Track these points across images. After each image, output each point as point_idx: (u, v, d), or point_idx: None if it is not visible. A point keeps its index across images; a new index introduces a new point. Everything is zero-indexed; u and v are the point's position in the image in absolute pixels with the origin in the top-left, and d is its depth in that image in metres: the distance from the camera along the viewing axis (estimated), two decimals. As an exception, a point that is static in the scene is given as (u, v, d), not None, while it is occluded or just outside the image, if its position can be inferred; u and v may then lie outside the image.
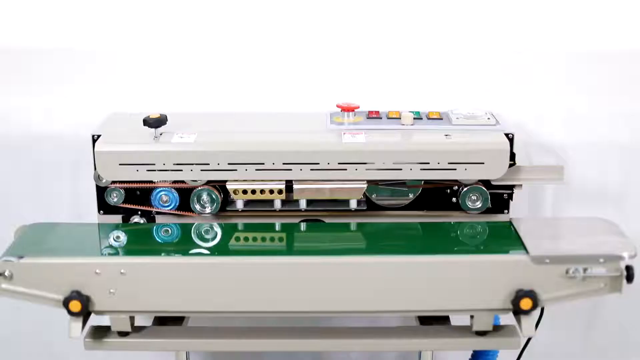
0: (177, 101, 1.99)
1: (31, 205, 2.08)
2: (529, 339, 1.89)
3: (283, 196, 1.73)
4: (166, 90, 2.01)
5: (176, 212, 1.78)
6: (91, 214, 1.82)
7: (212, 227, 1.73)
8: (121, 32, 2.00)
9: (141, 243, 1.71)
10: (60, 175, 2.07)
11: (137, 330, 1.66)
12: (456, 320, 1.70)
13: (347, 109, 1.79)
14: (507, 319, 1.63)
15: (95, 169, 1.73)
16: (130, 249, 1.68)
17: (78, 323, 1.57)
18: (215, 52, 2.00)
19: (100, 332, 1.65)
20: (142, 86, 2.01)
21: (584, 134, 2.04)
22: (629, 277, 1.54)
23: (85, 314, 1.57)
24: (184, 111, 1.87)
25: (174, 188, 1.76)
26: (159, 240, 1.71)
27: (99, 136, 1.73)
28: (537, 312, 1.61)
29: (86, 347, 1.65)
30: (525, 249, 1.59)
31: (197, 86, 2.01)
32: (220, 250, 1.65)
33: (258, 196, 1.73)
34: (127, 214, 1.79)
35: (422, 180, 1.76)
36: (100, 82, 2.02)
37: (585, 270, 1.54)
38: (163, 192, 1.76)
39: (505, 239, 1.67)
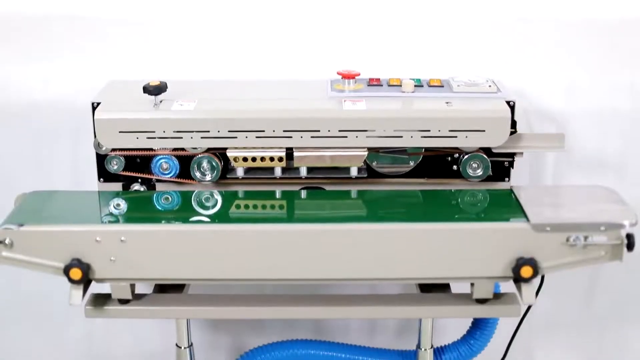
0: (177, 68, 1.98)
1: (31, 173, 2.08)
2: (529, 307, 1.90)
3: (283, 164, 1.72)
4: (166, 57, 2.00)
5: (176, 180, 1.78)
6: (91, 181, 1.81)
7: (212, 195, 1.73)
8: (120, -1, 2.00)
9: (141, 211, 1.71)
10: (60, 143, 2.06)
11: (137, 297, 1.66)
12: (456, 287, 1.71)
13: (348, 77, 1.79)
14: (508, 286, 1.63)
15: (95, 136, 1.73)
16: (130, 217, 1.68)
17: (79, 291, 1.57)
18: (215, 19, 1.99)
19: (100, 300, 1.66)
20: (142, 53, 2.00)
21: (585, 102, 2.03)
22: (630, 245, 1.54)
23: (85, 281, 1.57)
24: (184, 79, 1.86)
25: (174, 155, 1.76)
26: (159, 208, 1.71)
27: (98, 104, 1.73)
28: (537, 280, 1.61)
29: (87, 315, 1.66)
30: (526, 216, 1.58)
31: (197, 53, 2.00)
32: (220, 217, 1.65)
33: (258, 164, 1.72)
34: (127, 182, 1.79)
35: (422, 147, 1.76)
36: (100, 50, 2.00)
37: (586, 238, 1.54)
38: (163, 160, 1.76)
39: (506, 206, 1.67)
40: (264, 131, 1.69)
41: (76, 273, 1.55)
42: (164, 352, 2.00)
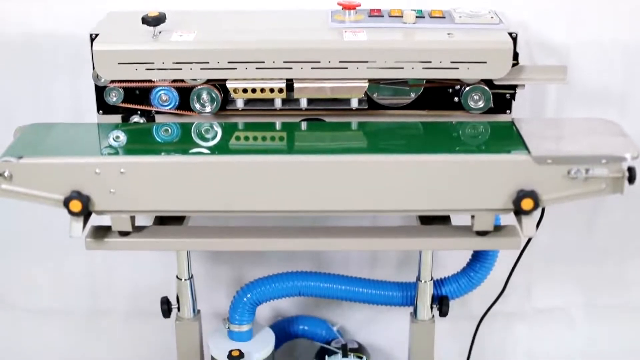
0: (176, -1, 1.97)
1: (30, 105, 2.07)
2: (529, 240, 1.90)
3: (283, 95, 1.71)
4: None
5: (176, 112, 1.77)
6: (91, 114, 1.81)
7: (212, 127, 1.72)
8: None
9: (141, 142, 1.70)
10: (60, 75, 2.05)
11: (137, 230, 1.67)
12: (457, 220, 1.71)
13: (349, 7, 1.77)
14: (508, 219, 1.63)
15: (93, 68, 1.71)
16: (130, 149, 1.67)
17: (79, 223, 1.57)
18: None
19: (101, 232, 1.66)
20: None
21: (587, 34, 2.01)
22: (631, 178, 1.54)
23: (85, 214, 1.57)
24: (183, 9, 1.84)
25: (174, 87, 1.75)
26: (159, 140, 1.70)
27: (97, 35, 1.71)
28: (537, 213, 1.62)
29: (87, 247, 1.66)
30: (527, 149, 1.58)
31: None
32: (220, 149, 1.64)
33: (258, 95, 1.71)
34: (126, 114, 1.78)
35: (423, 79, 1.74)
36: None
37: (587, 170, 1.54)
38: (162, 91, 1.75)
39: (507, 139, 1.66)
40: (263, 62, 1.68)
41: (76, 205, 1.55)
42: (165, 285, 2.01)
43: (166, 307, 1.92)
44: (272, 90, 1.71)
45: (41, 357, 2.38)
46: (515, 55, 1.72)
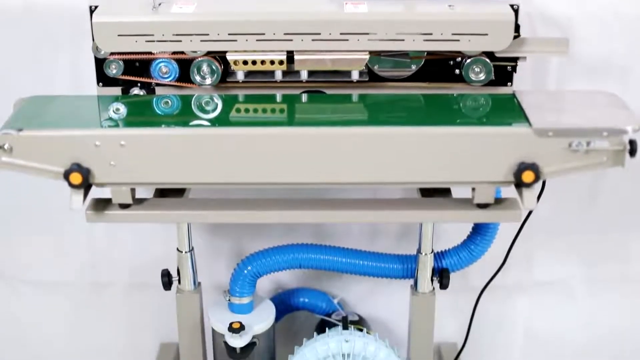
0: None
1: (30, 78, 2.06)
2: (530, 212, 1.90)
3: (284, 67, 1.71)
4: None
5: (176, 84, 1.76)
6: (90, 86, 1.80)
7: (212, 99, 1.72)
8: None
9: (141, 115, 1.70)
10: (59, 47, 2.04)
11: (138, 202, 1.66)
12: (457, 192, 1.71)
13: (349, -21, 1.76)
14: (509, 192, 1.63)
15: (93, 40, 1.71)
16: (130, 121, 1.66)
17: (79, 195, 1.57)
18: None
19: (101, 205, 1.66)
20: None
21: (590, 6, 2.00)
22: (632, 151, 1.53)
23: (86, 186, 1.56)
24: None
25: (174, 59, 1.74)
26: (159, 112, 1.70)
27: (96, 7, 1.70)
28: (538, 186, 1.61)
29: (88, 220, 1.66)
30: (528, 121, 1.58)
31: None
32: (220, 121, 1.64)
33: (259, 67, 1.71)
34: (126, 86, 1.78)
35: (424, 51, 1.74)
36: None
37: (588, 143, 1.54)
38: (162, 63, 1.75)
39: (508, 111, 1.66)
40: (264, 34, 1.67)
41: (76, 177, 1.54)
42: (165, 257, 2.01)
43: (167, 280, 1.93)
44: (272, 62, 1.70)
45: (42, 329, 2.39)
46: (517, 27, 1.71)
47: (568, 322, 2.36)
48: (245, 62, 1.70)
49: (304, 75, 1.74)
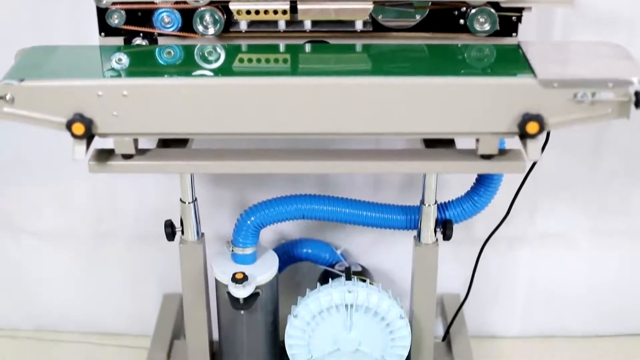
0: None
1: (31, 28, 2.05)
2: (534, 164, 1.90)
3: (287, 17, 1.69)
4: None
5: (178, 34, 1.75)
6: (92, 36, 1.79)
7: (215, 49, 1.71)
8: None
9: (143, 65, 1.69)
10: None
11: (140, 152, 1.66)
12: (461, 143, 1.70)
13: None
14: (513, 143, 1.63)
15: (94, -12, 1.70)
16: (132, 71, 1.66)
17: (82, 146, 1.57)
18: None
19: (104, 155, 1.66)
20: None
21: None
22: (637, 103, 1.53)
23: (88, 136, 1.56)
24: None
25: (176, 9, 1.73)
26: (162, 62, 1.69)
27: (98, -45, 1.70)
28: (543, 137, 1.61)
29: (90, 170, 1.66)
30: (533, 72, 1.57)
31: None
32: (223, 71, 1.63)
33: (262, 17, 1.69)
34: (128, 36, 1.77)
35: (429, 0, 1.72)
36: None
37: (593, 94, 1.53)
38: (165, 13, 1.73)
39: (513, 62, 1.65)
40: (267, -17, 1.66)
41: (79, 128, 1.54)
42: (169, 208, 2.01)
43: (170, 230, 1.93)
44: (275, 11, 1.69)
45: (47, 279, 2.40)
46: (522, -23, 1.70)
47: (571, 274, 2.37)
48: (248, 12, 1.69)
49: (307, 25, 1.72)
